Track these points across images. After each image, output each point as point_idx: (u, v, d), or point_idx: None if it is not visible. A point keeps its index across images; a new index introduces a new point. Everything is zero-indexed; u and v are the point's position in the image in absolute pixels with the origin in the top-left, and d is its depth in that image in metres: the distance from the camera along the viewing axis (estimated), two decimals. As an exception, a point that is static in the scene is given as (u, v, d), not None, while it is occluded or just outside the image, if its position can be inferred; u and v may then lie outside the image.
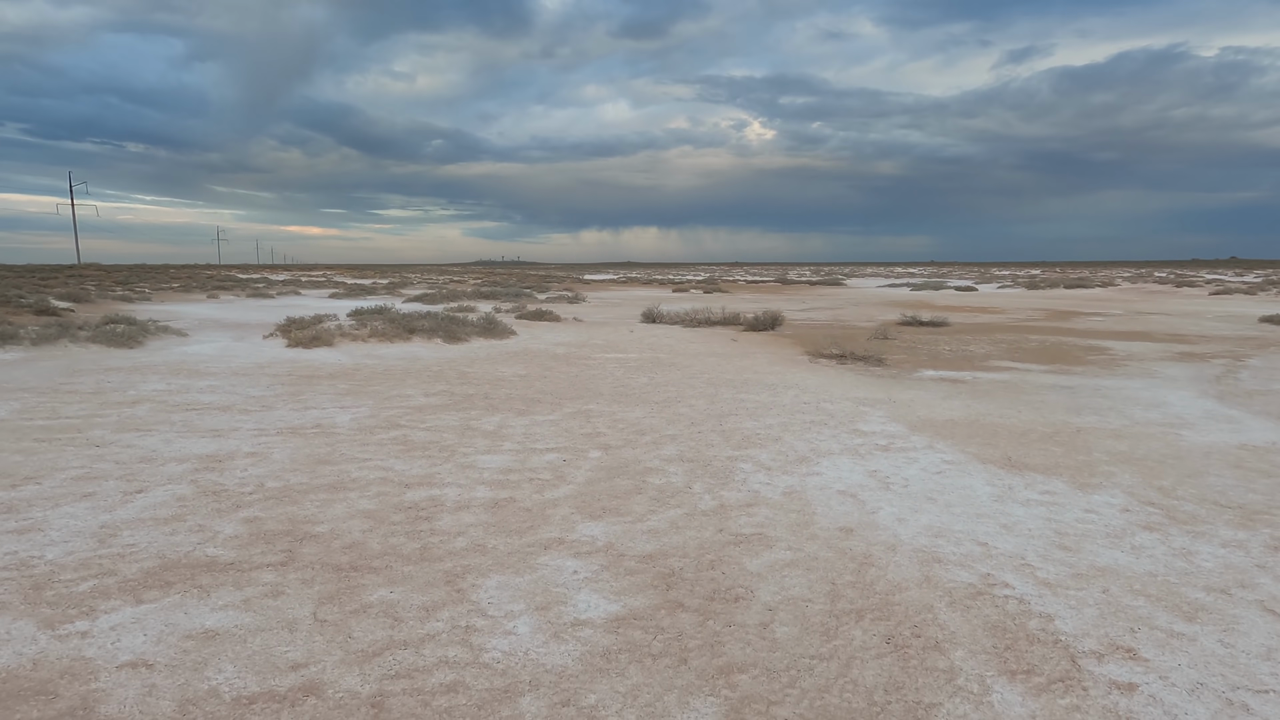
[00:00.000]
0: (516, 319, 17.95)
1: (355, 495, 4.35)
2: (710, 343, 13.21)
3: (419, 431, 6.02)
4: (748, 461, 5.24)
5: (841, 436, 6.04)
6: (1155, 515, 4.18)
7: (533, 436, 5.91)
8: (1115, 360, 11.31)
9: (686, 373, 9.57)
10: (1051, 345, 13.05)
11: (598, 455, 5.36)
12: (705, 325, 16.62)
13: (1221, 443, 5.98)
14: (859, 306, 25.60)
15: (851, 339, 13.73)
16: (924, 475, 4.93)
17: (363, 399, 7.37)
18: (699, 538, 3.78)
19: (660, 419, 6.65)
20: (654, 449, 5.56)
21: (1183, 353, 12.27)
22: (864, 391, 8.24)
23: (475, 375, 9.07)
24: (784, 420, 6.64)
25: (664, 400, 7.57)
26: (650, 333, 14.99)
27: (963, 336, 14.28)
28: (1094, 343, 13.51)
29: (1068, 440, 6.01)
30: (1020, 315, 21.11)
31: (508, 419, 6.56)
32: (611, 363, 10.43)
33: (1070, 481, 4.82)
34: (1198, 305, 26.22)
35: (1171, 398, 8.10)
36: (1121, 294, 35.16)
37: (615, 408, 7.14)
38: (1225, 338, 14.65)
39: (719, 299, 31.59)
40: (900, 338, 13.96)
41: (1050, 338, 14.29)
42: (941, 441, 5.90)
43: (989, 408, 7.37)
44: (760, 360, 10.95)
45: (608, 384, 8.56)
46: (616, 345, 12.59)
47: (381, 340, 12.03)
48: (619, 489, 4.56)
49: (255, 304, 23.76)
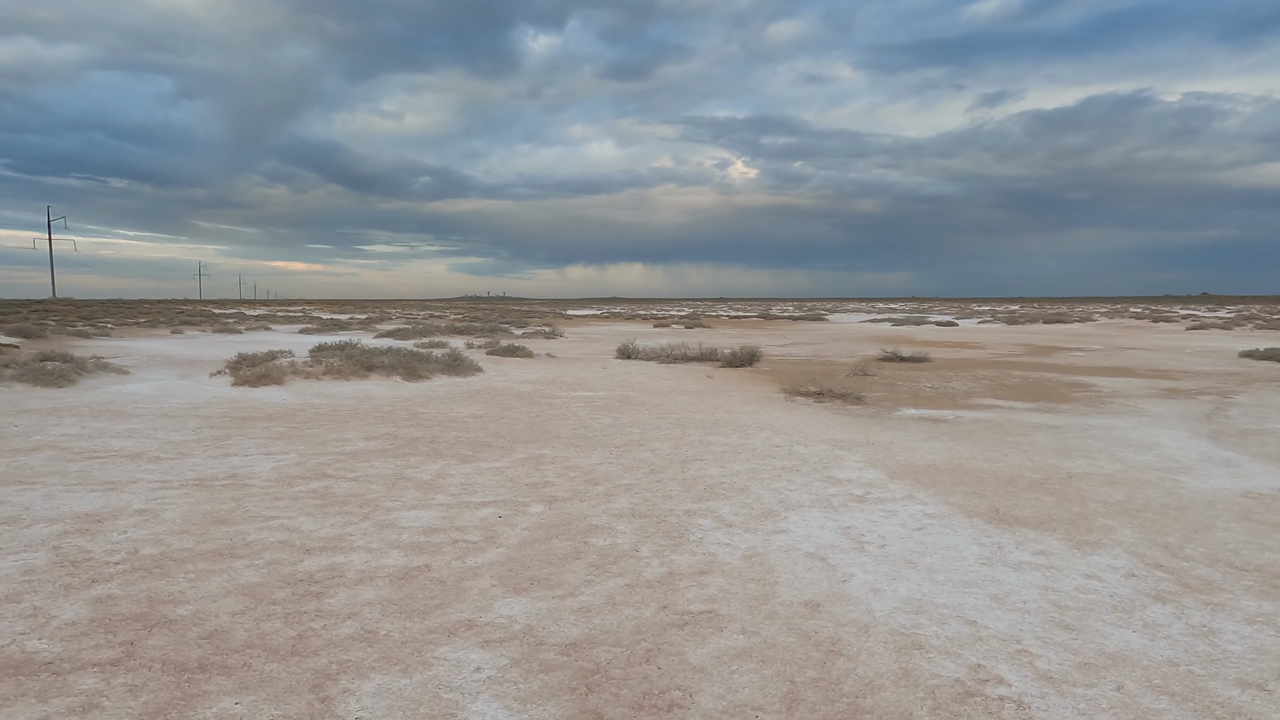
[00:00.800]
0: (487, 355, 17.37)
1: (242, 564, 3.71)
2: (684, 380, 12.70)
3: (344, 482, 5.38)
4: (708, 516, 4.66)
5: (814, 485, 5.49)
6: (1166, 582, 3.65)
7: (471, 487, 5.30)
8: (1101, 397, 10.92)
9: (655, 412, 9.02)
10: (1034, 382, 12.68)
11: (539, 510, 4.76)
12: (681, 361, 16.14)
13: (1224, 490, 5.50)
14: (840, 342, 25.31)
15: (830, 375, 13.28)
16: (903, 532, 4.38)
17: (295, 443, 6.73)
18: (637, 618, 3.18)
19: (618, 466, 6.07)
20: (605, 502, 4.97)
21: (1168, 389, 11.93)
22: (841, 433, 7.72)
23: (428, 416, 8.45)
24: (752, 466, 6.09)
25: (625, 444, 6.99)
26: (624, 369, 14.46)
27: (944, 373, 13.90)
28: (1077, 379, 13.17)
29: (1059, 488, 5.51)
30: (1001, 351, 20.87)
31: (449, 466, 5.95)
32: (577, 402, 9.86)
33: (1066, 539, 4.29)
34: (1176, 340, 26.23)
35: (1164, 438, 7.66)
36: (1100, 329, 35.29)
37: (571, 452, 6.56)
38: (1208, 373, 14.40)
39: (699, 334, 31.23)
40: (880, 374, 13.54)
41: (1033, 374, 13.94)
42: (923, 490, 5.36)
43: (973, 450, 6.87)
44: (734, 398, 10.43)
45: (568, 425, 7.97)
46: (586, 383, 12.04)
47: (336, 378, 11.39)
48: (555, 553, 3.96)
49: (219, 339, 22.98)
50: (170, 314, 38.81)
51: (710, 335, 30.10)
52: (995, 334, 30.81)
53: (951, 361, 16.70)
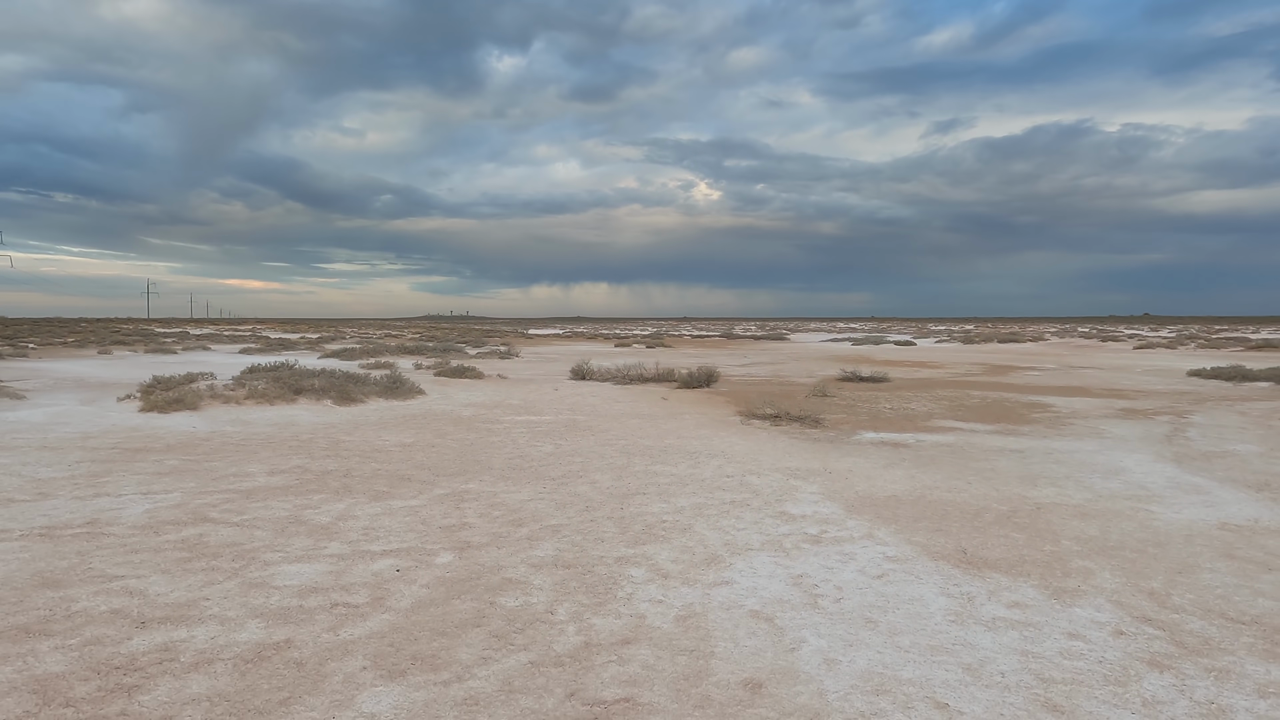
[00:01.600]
0: (434, 376, 16.55)
1: (50, 646, 2.97)
2: (638, 402, 12.12)
3: (225, 528, 4.63)
4: (642, 565, 4.07)
5: (765, 523, 4.94)
6: (1159, 641, 3.17)
7: (374, 532, 4.60)
8: (1060, 418, 10.71)
9: (602, 439, 8.41)
10: (994, 402, 12.46)
11: (447, 561, 4.09)
12: (637, 382, 15.58)
13: (1199, 521, 5.13)
14: (800, 361, 25.11)
15: (789, 397, 12.87)
16: (862, 581, 3.84)
17: (184, 480, 5.92)
18: (535, 712, 2.56)
19: (550, 502, 5.43)
20: (526, 548, 4.33)
21: (1125, 409, 11.81)
22: (797, 460, 7.22)
23: (350, 445, 7.69)
24: (699, 501, 5.52)
25: (563, 475, 6.36)
26: (575, 391, 13.83)
27: (903, 393, 13.62)
28: (1035, 399, 13.01)
29: (1028, 522, 5.07)
30: (959, 370, 20.86)
31: (356, 505, 5.23)
32: (519, 427, 9.19)
33: (1042, 586, 3.81)
34: (1125, 359, 26.74)
35: (1128, 462, 7.36)
36: (1051, 348, 35.99)
37: (500, 487, 5.90)
38: (1161, 392, 14.44)
39: (660, 354, 30.78)
40: (840, 395, 13.19)
41: (991, 394, 13.76)
42: (883, 527, 4.86)
43: (935, 479, 6.43)
44: (688, 422, 9.89)
45: (504, 454, 7.31)
46: (533, 406, 11.37)
47: (259, 402, 10.50)
48: (452, 618, 3.31)
49: (149, 360, 21.60)
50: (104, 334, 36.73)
51: (671, 355, 29.67)
52: (952, 353, 31.08)
53: (910, 381, 16.50)
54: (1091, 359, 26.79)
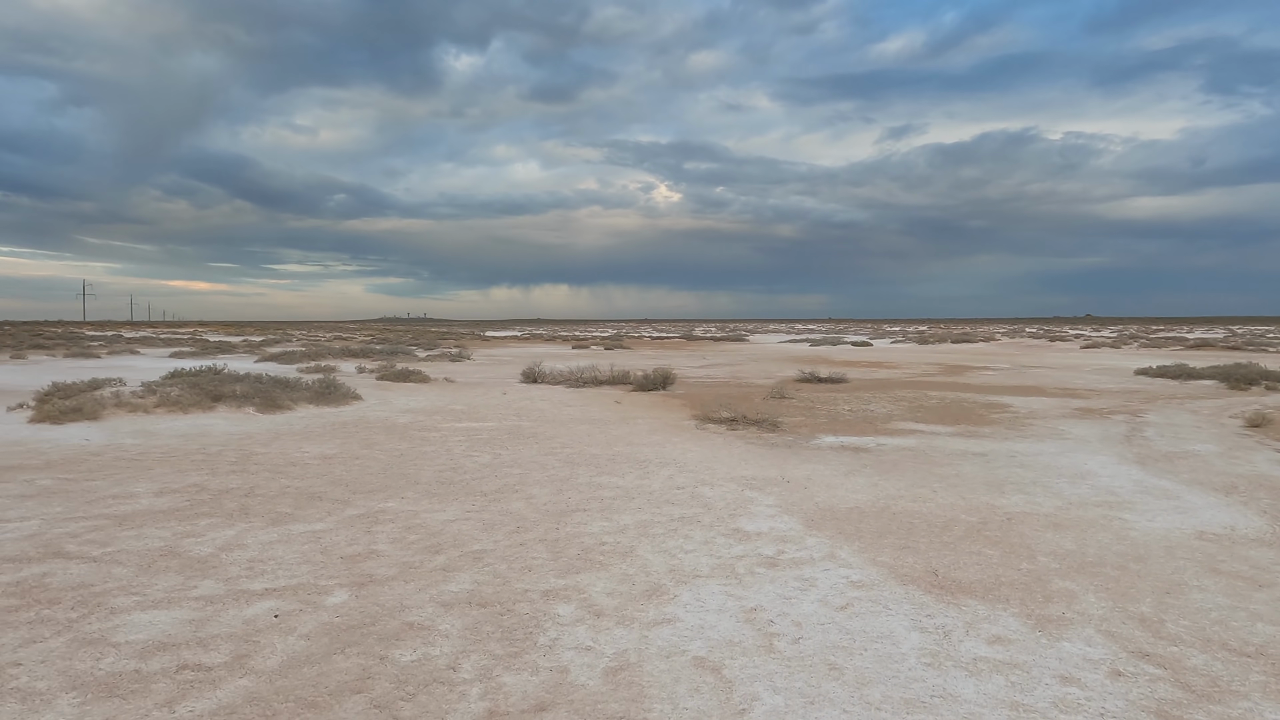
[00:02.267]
0: (376, 380, 15.67)
1: None
2: (589, 406, 11.54)
3: (80, 565, 3.89)
4: (572, 600, 3.50)
5: (716, 543, 4.43)
6: (1163, 684, 2.75)
7: (262, 565, 3.93)
8: (1019, 419, 10.52)
9: (546, 446, 7.80)
10: (952, 403, 12.26)
11: (340, 601, 3.46)
12: (591, 385, 14.99)
13: (1176, 531, 4.82)
14: (759, 363, 24.86)
15: (746, 399, 12.45)
16: (824, 615, 3.35)
17: (51, 503, 5.11)
18: (410, 820, 1.96)
19: (477, 522, 4.82)
20: (439, 581, 3.72)
21: (1080, 409, 11.74)
22: (753, 468, 6.75)
23: (263, 458, 6.92)
24: (645, 518, 4.97)
25: (497, 490, 5.75)
26: (525, 395, 13.16)
27: (862, 394, 13.35)
28: (993, 399, 12.88)
29: (1000, 535, 4.67)
30: (916, 370, 20.85)
31: (249, 531, 4.53)
32: (458, 435, 8.51)
33: (1024, 615, 3.38)
34: (1074, 359, 27.26)
35: (1093, 464, 7.10)
36: (1003, 348, 36.69)
37: (424, 505, 5.25)
38: (1112, 391, 14.51)
39: (619, 356, 30.23)
40: (798, 396, 12.83)
41: (949, 394, 13.60)
42: (846, 545, 4.39)
43: (899, 486, 6.02)
44: (640, 427, 9.36)
45: (435, 467, 6.64)
46: (476, 411, 10.68)
47: (171, 411, 9.57)
48: (329, 682, 2.69)
49: (68, 365, 20.06)
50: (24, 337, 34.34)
51: (629, 357, 29.14)
52: (908, 353, 31.33)
53: (869, 382, 16.30)
54: (1042, 358, 27.25)
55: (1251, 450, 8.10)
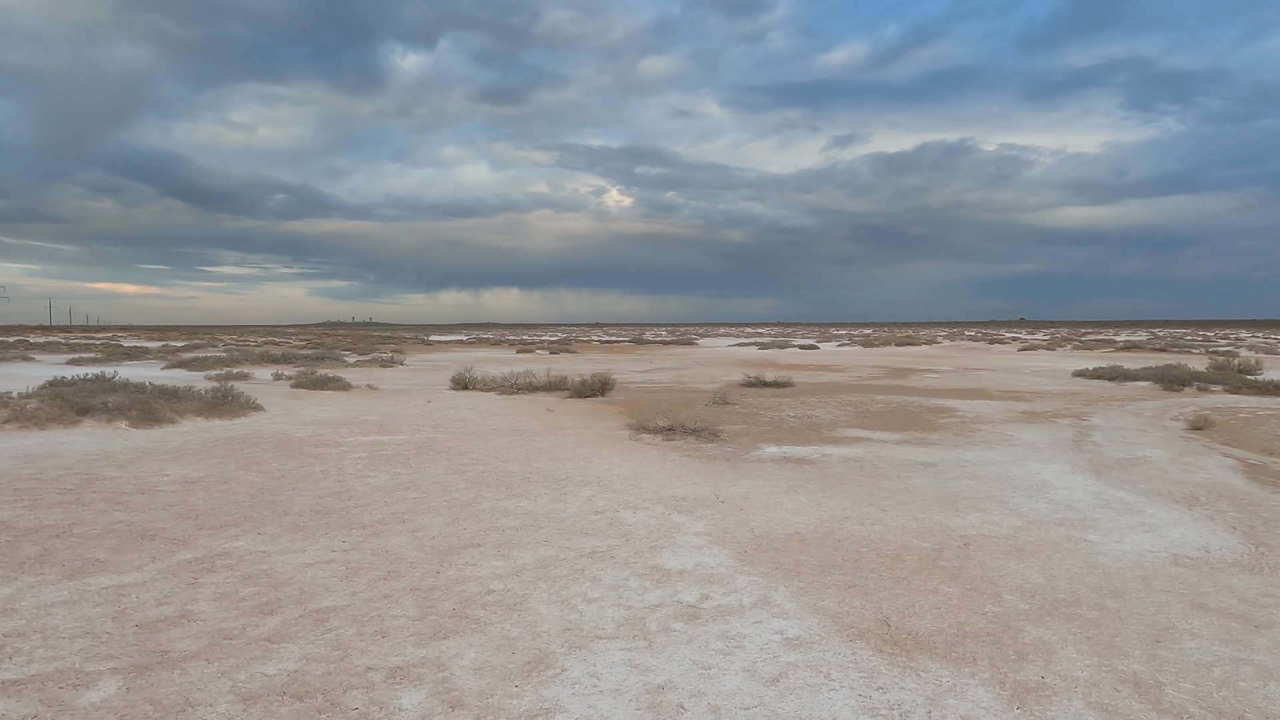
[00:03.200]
0: (291, 388, 14.40)
1: None
2: (518, 415, 10.66)
3: None
4: (425, 684, 2.67)
5: (629, 587, 3.66)
6: (1182, 790, 2.10)
7: (19, 641, 2.96)
8: (966, 424, 10.14)
9: (456, 463, 6.91)
10: (898, 407, 11.86)
11: (102, 696, 2.54)
12: (525, 392, 14.09)
13: (1148, 555, 4.30)
14: (705, 366, 24.34)
15: (688, 405, 11.78)
16: (750, 692, 2.62)
17: None
18: None
19: (339, 567, 3.93)
20: (253, 660, 2.84)
21: (1026, 412, 11.48)
22: (685, 485, 6.02)
23: (107, 485, 5.82)
24: (550, 554, 4.17)
25: (380, 521, 4.85)
26: (451, 403, 12.18)
27: (808, 399, 12.85)
28: (938, 403, 12.55)
29: (959, 566, 4.05)
30: (861, 373, 20.64)
31: (31, 588, 3.53)
32: (359, 451, 7.53)
33: (996, 683, 2.72)
34: (1013, 361, 27.68)
35: (1046, 474, 6.65)
36: (945, 351, 37.28)
37: (281, 545, 4.33)
38: (1054, 393, 14.44)
39: (563, 360, 29.31)
40: (742, 402, 12.23)
41: (895, 398, 13.24)
42: (783, 586, 3.69)
43: (845, 506, 5.39)
44: (568, 439, 8.54)
45: (317, 491, 5.69)
46: (390, 423, 9.67)
47: (25, 427, 8.28)
48: None
49: (-60, 374, 17.96)
50: (-93, 342, 31.11)
51: (573, 361, 28.26)
52: (854, 356, 31.39)
53: (814, 386, 15.89)
54: (982, 361, 27.60)
55: (1200, 455, 7.83)
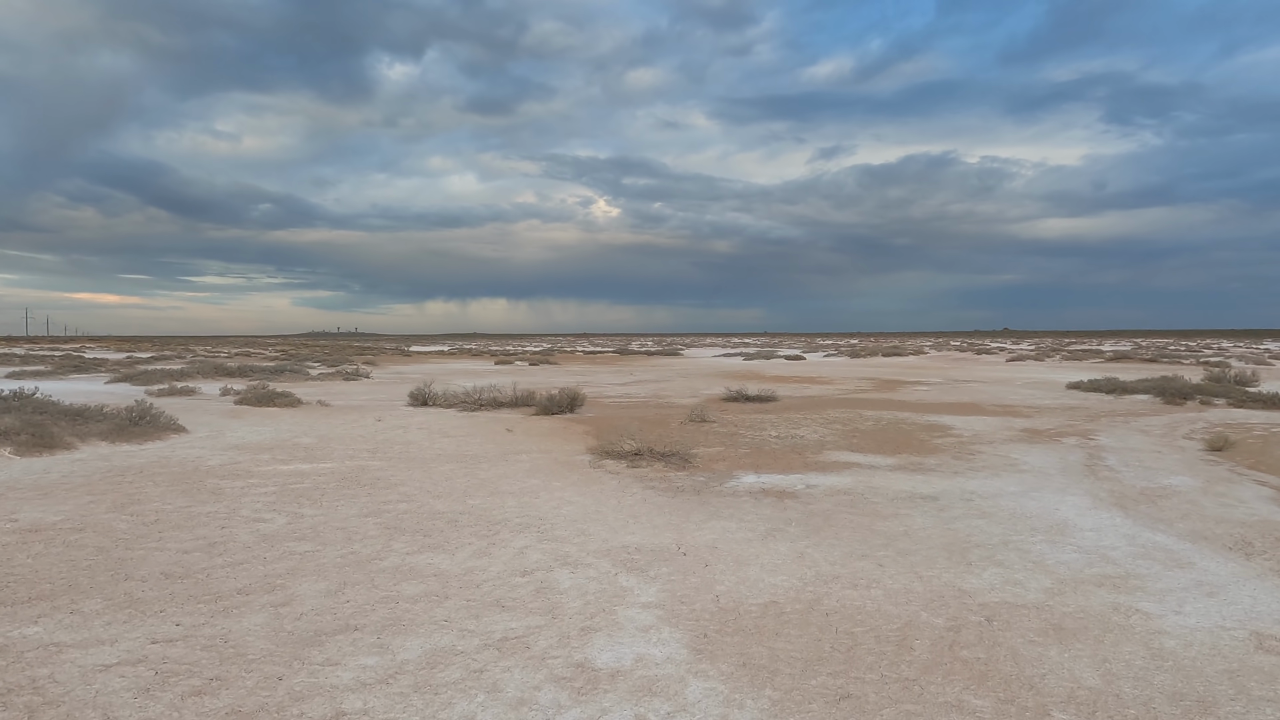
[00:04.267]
0: (235, 404, 13.26)
1: None
2: (472, 437, 9.61)
3: None
4: None
5: (538, 703, 2.64)
6: None
7: None
8: (964, 444, 9.23)
9: (378, 501, 5.87)
10: (889, 424, 10.93)
11: None
12: (489, 408, 13.04)
13: (1224, 636, 3.34)
14: (687, 378, 23.38)
15: (662, 424, 10.79)
16: None
17: None
18: None
19: (142, 674, 2.88)
20: None
21: (1027, 430, 10.60)
22: (642, 530, 5.01)
23: (-68, 534, 4.71)
24: (443, 644, 3.15)
25: (244, 589, 3.80)
26: (403, 422, 11.10)
27: (792, 415, 11.90)
28: (932, 419, 11.64)
29: (984, 658, 3.07)
30: (849, 386, 19.76)
31: None
32: (270, 484, 6.46)
33: None
34: (1003, 372, 26.97)
35: (1065, 509, 5.71)
36: (932, 361, 36.59)
37: (90, 631, 3.26)
38: (1052, 408, 13.61)
39: (542, 372, 28.27)
40: (721, 419, 11.26)
41: (885, 413, 12.32)
42: (751, 702, 2.69)
43: (834, 558, 4.40)
44: (520, 465, 7.51)
45: (185, 544, 4.62)
46: (323, 447, 8.59)
47: (-116, 455, 7.12)
48: None
49: None
50: None
51: (552, 373, 27.22)
52: (840, 367, 30.58)
53: (800, 400, 14.96)
54: (971, 372, 26.86)
55: (1232, 483, 6.95)
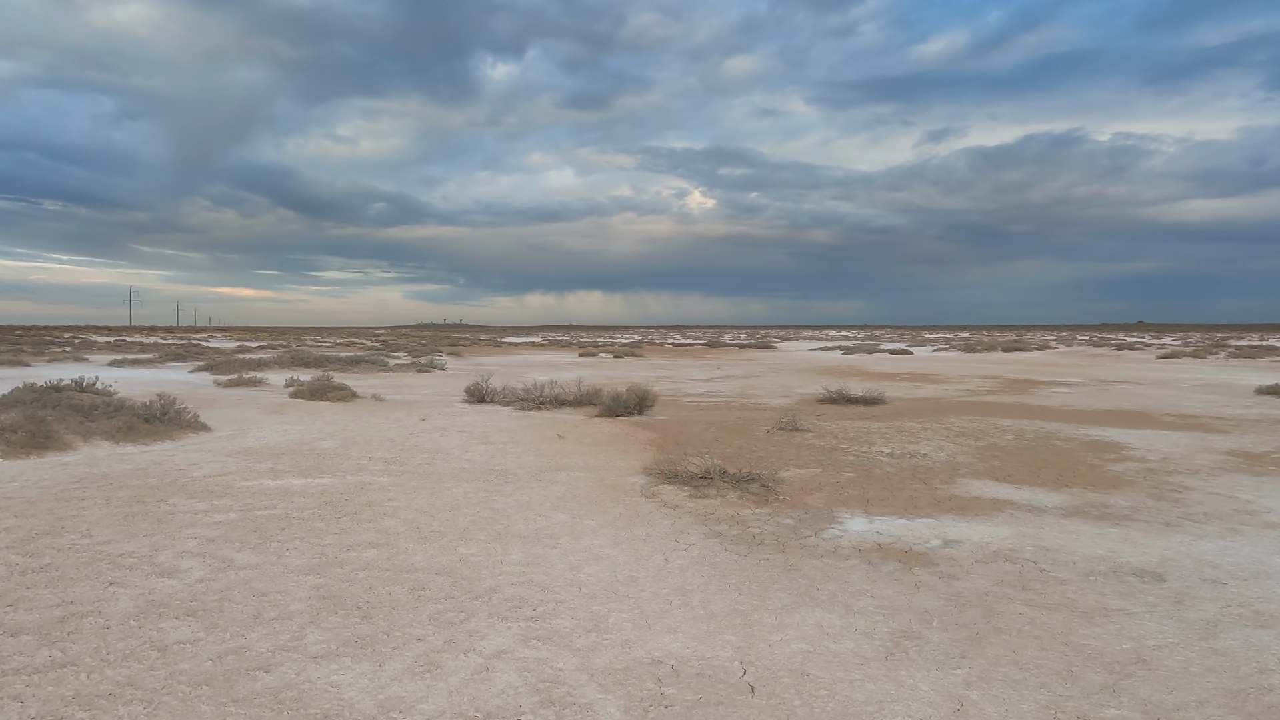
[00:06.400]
0: (289, 397, 12.60)
1: None
2: (515, 444, 8.17)
3: None
4: None
5: None
6: None
7: None
8: (1154, 473, 6.82)
9: (345, 543, 4.46)
10: (1037, 439, 8.55)
11: None
12: (550, 406, 11.65)
13: None
14: (779, 374, 21.22)
15: (744, 432, 8.94)
16: None
17: None
18: None
19: None
20: None
21: (1235, 453, 7.94)
22: (689, 625, 3.27)
23: None
24: None
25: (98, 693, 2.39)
26: (448, 422, 9.87)
27: (907, 423, 9.71)
28: (1092, 433, 9.12)
29: None
30: (970, 386, 17.00)
31: None
32: (234, 509, 5.22)
33: None
34: (1157, 372, 22.96)
35: (1392, 611, 3.46)
36: (1064, 358, 32.28)
37: None
38: (1251, 420, 10.60)
39: (626, 365, 26.91)
40: (817, 427, 9.27)
41: (1026, 423, 9.87)
42: None
43: (1010, 712, 2.50)
44: (553, 490, 5.94)
45: (31, 613, 3.34)
46: (339, 455, 7.39)
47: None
48: None
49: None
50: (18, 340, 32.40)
51: (635, 366, 25.80)
52: (955, 364, 27.27)
53: (913, 403, 12.60)
54: (1117, 371, 23.01)
55: None
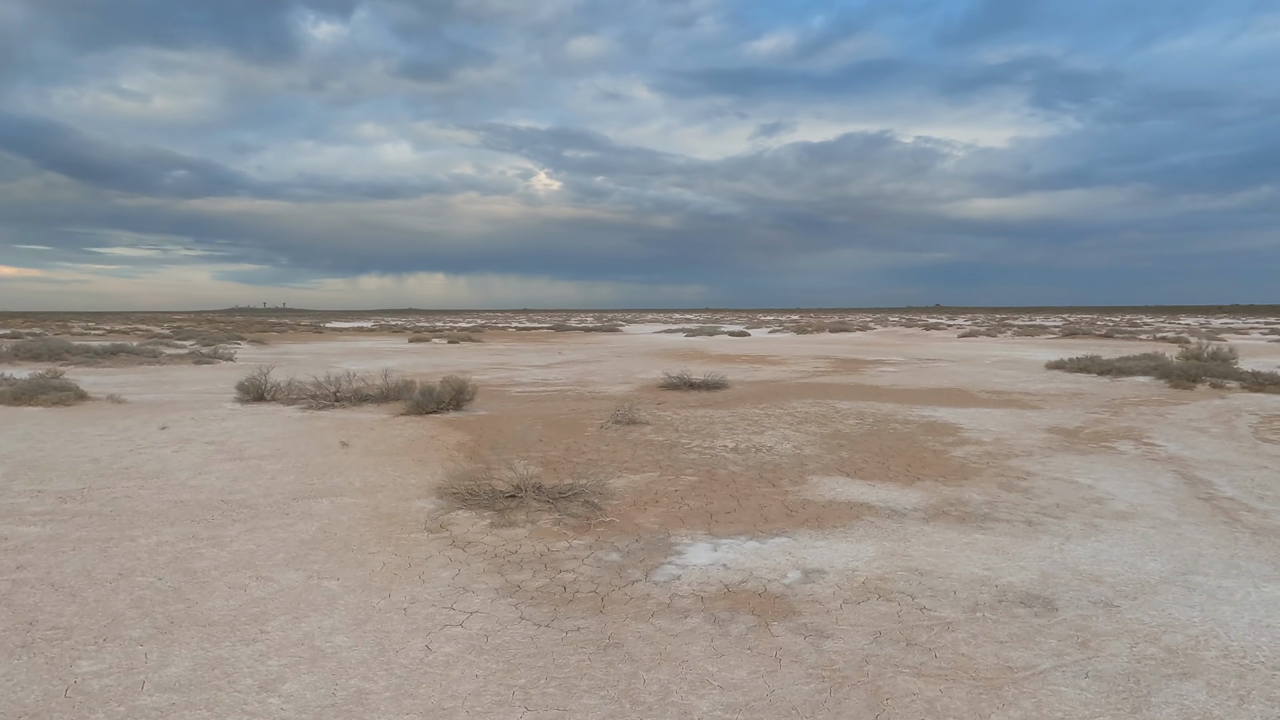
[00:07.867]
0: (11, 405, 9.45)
1: None
2: (284, 455, 6.31)
3: None
4: None
5: None
6: None
7: None
8: (995, 458, 6.55)
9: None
10: (878, 423, 8.20)
11: None
12: (348, 404, 9.68)
13: None
14: (622, 358, 20.37)
15: (575, 428, 7.73)
16: None
17: None
18: None
19: None
20: None
21: (1054, 430, 8.06)
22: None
23: None
24: None
25: None
26: (198, 430, 7.67)
27: (750, 410, 9.04)
28: (925, 413, 9.00)
29: None
30: (805, 367, 17.16)
31: None
32: None
33: None
34: (962, 349, 25.07)
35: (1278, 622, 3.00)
36: (882, 338, 34.76)
37: None
38: (1053, 394, 11.24)
39: (460, 351, 24.75)
40: (657, 418, 8.29)
41: (864, 405, 9.62)
42: None
43: None
44: (299, 531, 4.33)
45: None
46: (4, 486, 5.15)
47: None
48: None
49: None
50: None
51: (470, 352, 23.76)
52: (790, 345, 28.17)
53: (755, 387, 12.15)
54: (929, 349, 24.86)
55: None
